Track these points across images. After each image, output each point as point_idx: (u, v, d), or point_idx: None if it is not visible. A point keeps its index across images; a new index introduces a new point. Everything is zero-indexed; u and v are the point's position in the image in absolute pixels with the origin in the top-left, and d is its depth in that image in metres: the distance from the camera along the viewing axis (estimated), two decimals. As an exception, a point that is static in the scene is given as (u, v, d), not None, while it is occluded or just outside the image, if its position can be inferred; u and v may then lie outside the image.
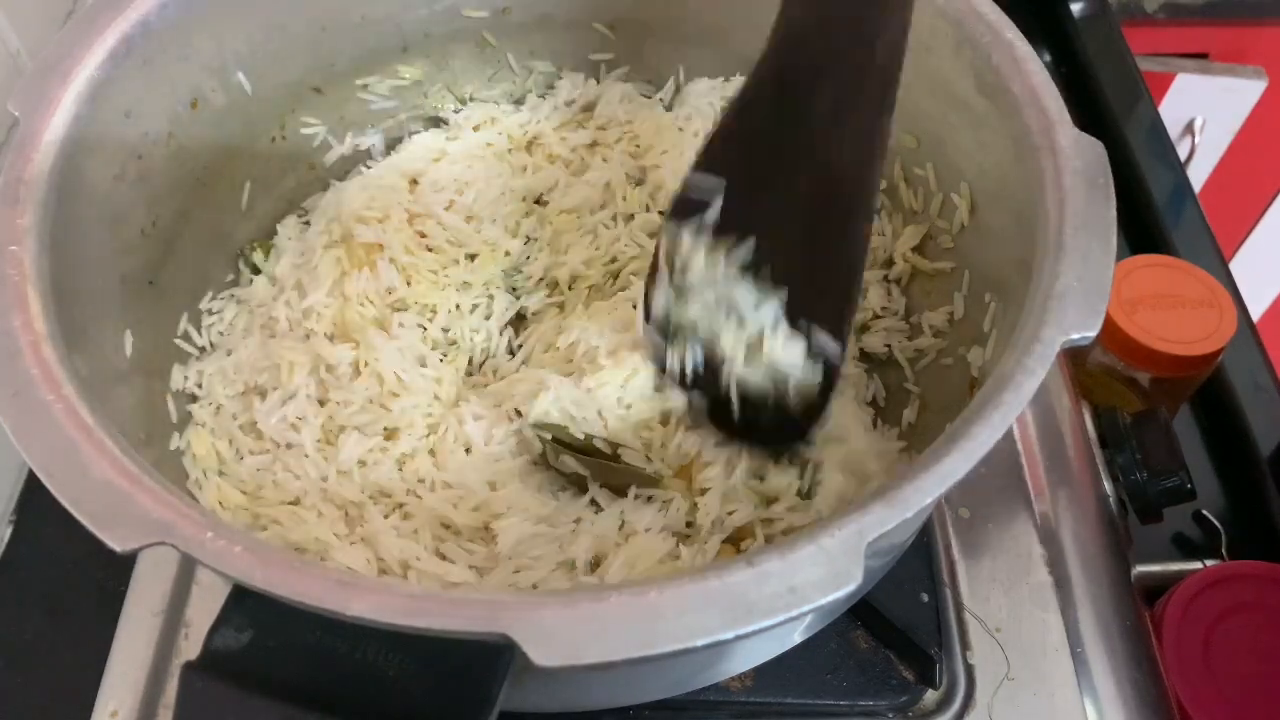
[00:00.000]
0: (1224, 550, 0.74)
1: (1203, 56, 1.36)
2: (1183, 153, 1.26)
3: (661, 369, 0.55)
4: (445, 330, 0.65)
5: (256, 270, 0.69)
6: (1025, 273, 0.50)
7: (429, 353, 0.64)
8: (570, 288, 0.68)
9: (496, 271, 0.68)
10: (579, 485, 0.58)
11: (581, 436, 0.57)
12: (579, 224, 0.70)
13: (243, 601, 0.43)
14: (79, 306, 0.52)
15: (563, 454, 0.57)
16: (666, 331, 0.53)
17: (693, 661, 0.54)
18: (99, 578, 0.65)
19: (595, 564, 0.55)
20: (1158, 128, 1.07)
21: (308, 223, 0.71)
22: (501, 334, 0.67)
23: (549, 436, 0.57)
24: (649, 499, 0.57)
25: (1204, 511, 0.76)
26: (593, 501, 0.58)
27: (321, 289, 0.64)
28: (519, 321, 0.69)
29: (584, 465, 0.57)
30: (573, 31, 0.76)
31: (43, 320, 0.46)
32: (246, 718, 0.41)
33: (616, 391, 0.59)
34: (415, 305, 0.65)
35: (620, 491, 0.57)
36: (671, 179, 0.71)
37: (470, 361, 0.65)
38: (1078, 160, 0.51)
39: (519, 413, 0.59)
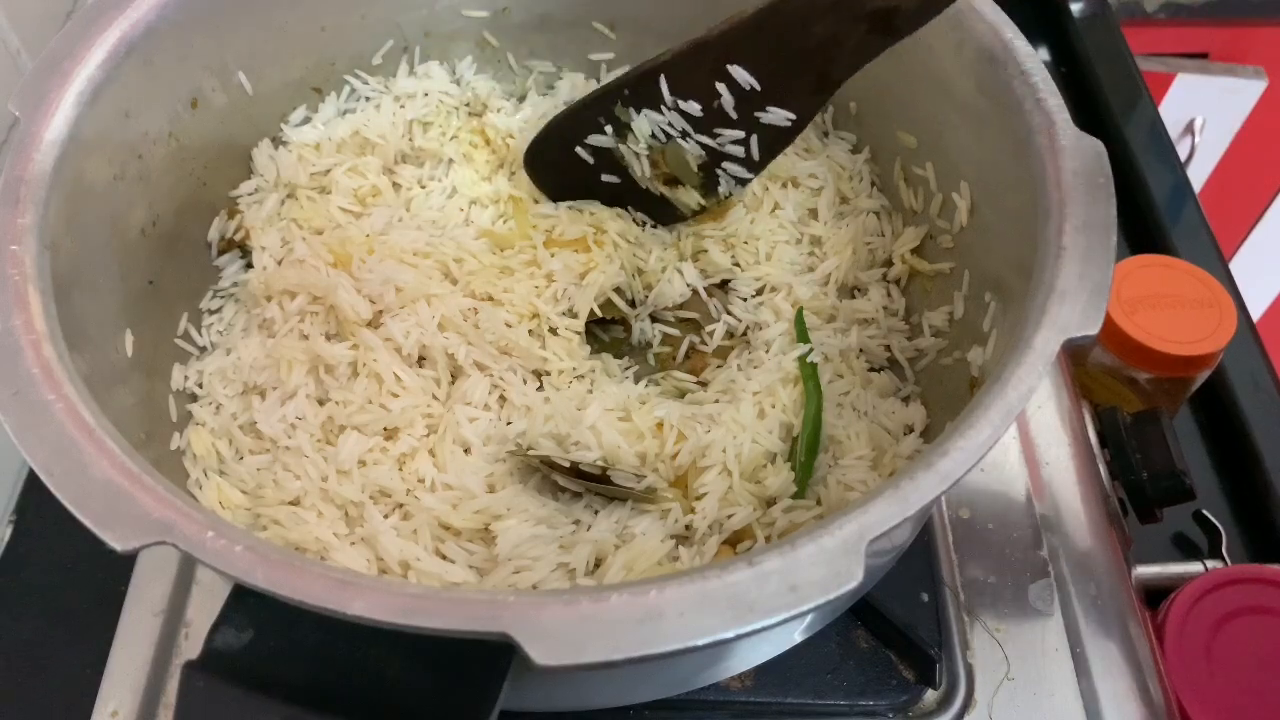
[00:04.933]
0: (1224, 550, 0.73)
1: (1203, 56, 1.37)
2: (1183, 153, 1.26)
3: None
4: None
5: (234, 247, 0.68)
6: (1025, 273, 0.50)
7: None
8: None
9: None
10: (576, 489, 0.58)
11: (567, 464, 0.57)
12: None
13: (243, 601, 0.43)
14: (79, 306, 0.52)
15: (554, 474, 0.57)
16: None
17: (693, 661, 0.54)
18: (99, 578, 0.64)
19: (594, 566, 0.55)
20: (1158, 128, 1.07)
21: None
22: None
23: (537, 460, 0.57)
24: (645, 510, 0.57)
25: (1204, 511, 0.76)
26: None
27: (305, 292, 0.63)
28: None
29: (576, 485, 0.57)
30: (573, 31, 0.76)
31: (43, 320, 0.47)
32: (247, 718, 0.41)
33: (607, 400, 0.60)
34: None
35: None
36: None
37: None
38: (1078, 160, 0.51)
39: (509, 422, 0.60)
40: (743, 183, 0.67)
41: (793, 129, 0.63)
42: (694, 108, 0.63)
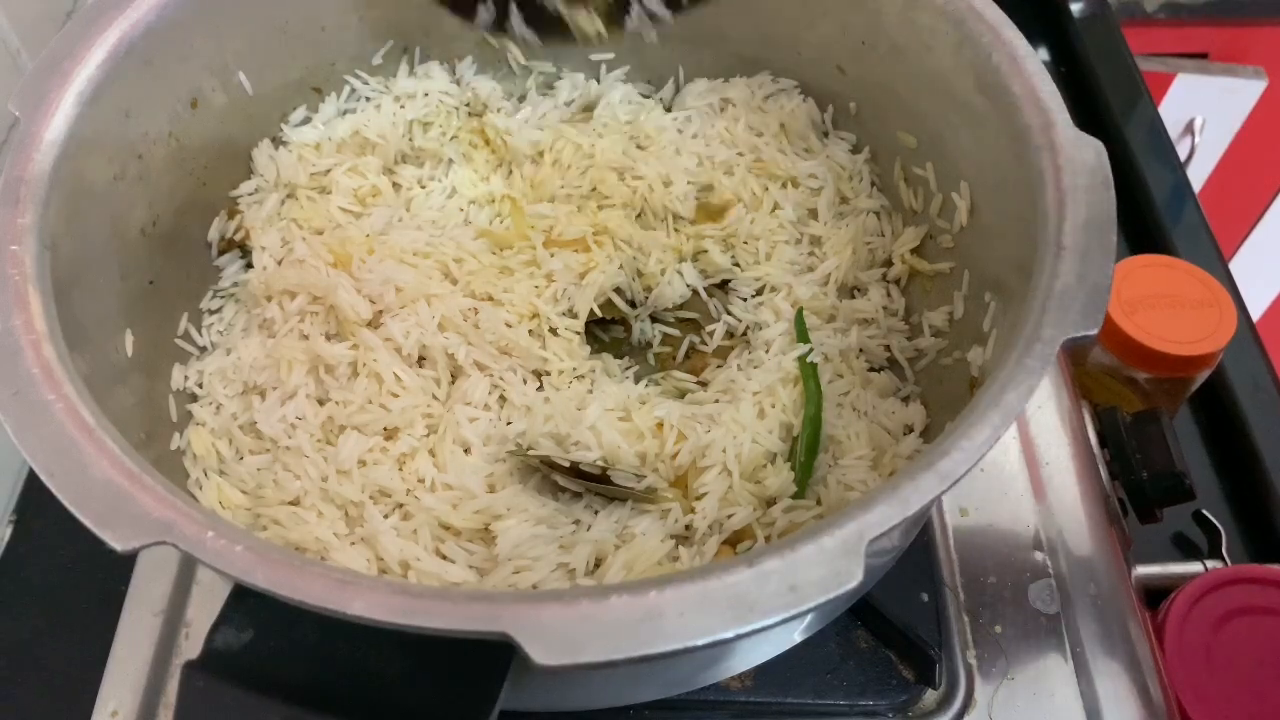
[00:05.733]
0: (1224, 551, 0.74)
1: (1203, 56, 1.37)
2: (1183, 153, 1.26)
3: None
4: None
5: (234, 247, 0.68)
6: (1025, 273, 0.50)
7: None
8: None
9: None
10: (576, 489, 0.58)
11: (567, 464, 0.57)
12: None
13: (243, 601, 0.43)
14: (79, 306, 0.52)
15: (554, 474, 0.57)
16: None
17: (693, 661, 0.54)
18: (99, 578, 0.65)
19: (594, 566, 0.55)
20: (1158, 128, 1.07)
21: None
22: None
23: (537, 460, 0.57)
24: (645, 510, 0.57)
25: (1204, 511, 0.76)
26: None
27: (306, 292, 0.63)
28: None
29: (576, 485, 0.57)
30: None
31: (43, 320, 0.47)
32: (247, 718, 0.41)
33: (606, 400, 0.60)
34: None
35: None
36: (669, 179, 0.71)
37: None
38: (1078, 160, 0.51)
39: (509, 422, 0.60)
40: (655, 20, 0.60)
41: None
42: None
